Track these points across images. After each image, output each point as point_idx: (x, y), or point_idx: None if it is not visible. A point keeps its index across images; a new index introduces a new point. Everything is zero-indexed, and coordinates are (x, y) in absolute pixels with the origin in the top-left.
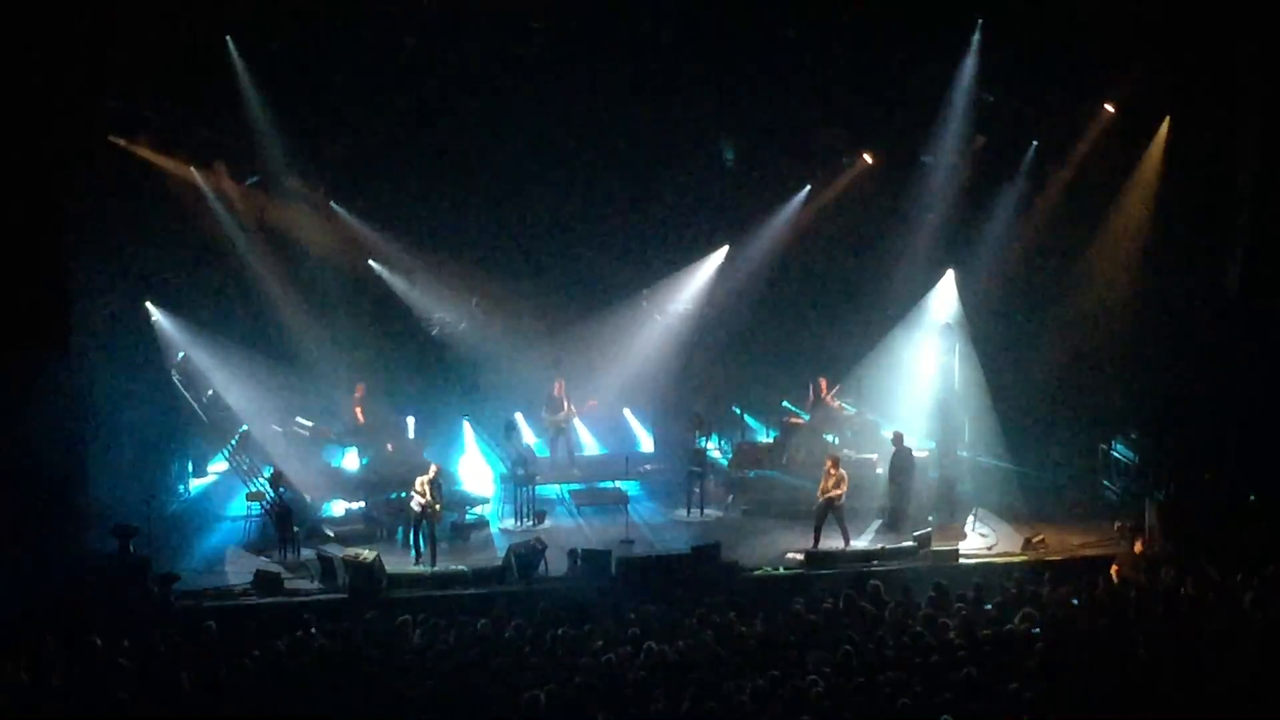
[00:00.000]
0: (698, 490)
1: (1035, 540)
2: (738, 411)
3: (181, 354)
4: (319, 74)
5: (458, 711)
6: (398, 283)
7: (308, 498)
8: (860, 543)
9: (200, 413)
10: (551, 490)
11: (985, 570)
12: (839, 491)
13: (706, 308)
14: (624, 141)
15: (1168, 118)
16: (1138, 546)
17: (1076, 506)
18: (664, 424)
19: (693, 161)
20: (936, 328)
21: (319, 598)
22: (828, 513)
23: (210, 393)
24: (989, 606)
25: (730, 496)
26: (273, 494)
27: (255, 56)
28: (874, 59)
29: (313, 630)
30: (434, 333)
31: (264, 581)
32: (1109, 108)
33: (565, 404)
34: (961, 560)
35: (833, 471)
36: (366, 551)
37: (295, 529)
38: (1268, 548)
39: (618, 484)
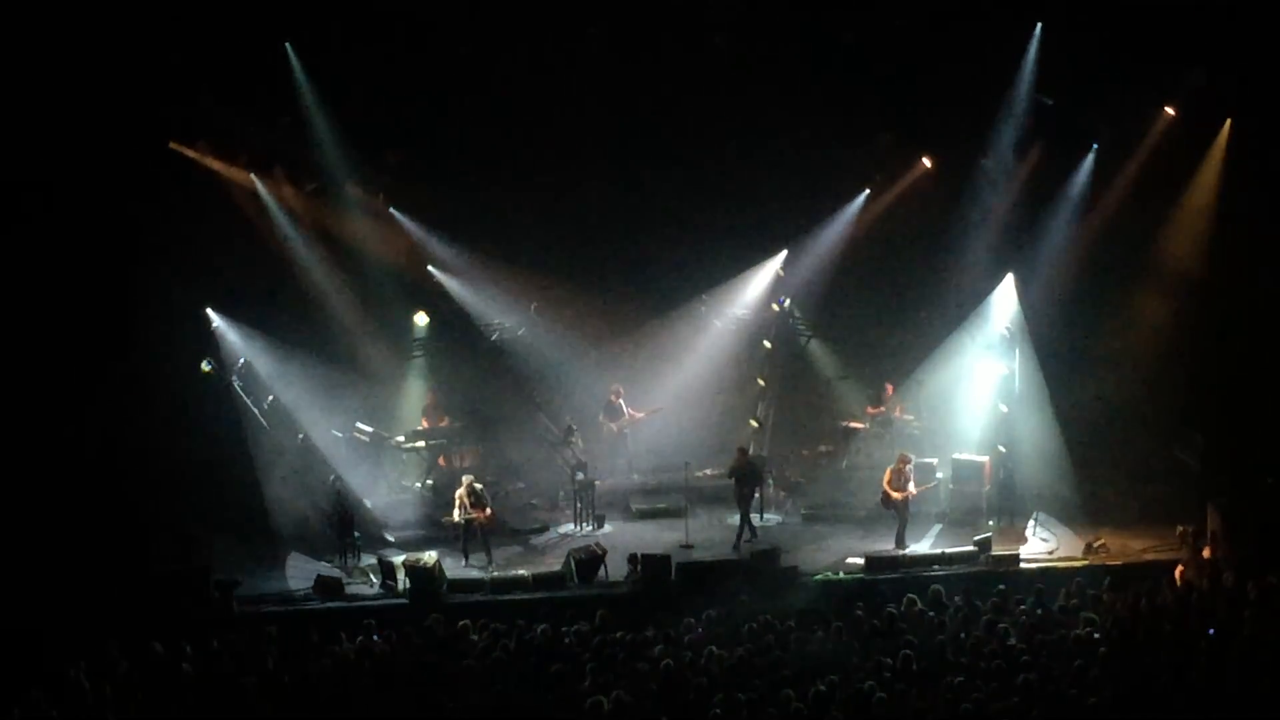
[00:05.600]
0: (757, 495)
1: (1096, 545)
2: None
3: (242, 360)
4: (377, 80)
5: (518, 716)
6: (457, 288)
7: (368, 503)
8: (920, 547)
9: (261, 418)
10: (611, 495)
11: (1046, 575)
12: (913, 491)
13: (763, 312)
14: (681, 147)
15: (1229, 120)
16: (1205, 552)
17: (1137, 511)
18: (722, 429)
19: (751, 165)
20: (996, 332)
21: (379, 603)
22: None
23: (271, 398)
24: (1048, 611)
25: (790, 501)
26: (334, 499)
27: (314, 63)
28: (933, 62)
29: (373, 635)
30: (493, 338)
31: (325, 586)
32: (1169, 110)
33: (625, 410)
34: (1022, 565)
35: (903, 469)
36: (427, 556)
37: (356, 534)
38: None
39: (677, 489)
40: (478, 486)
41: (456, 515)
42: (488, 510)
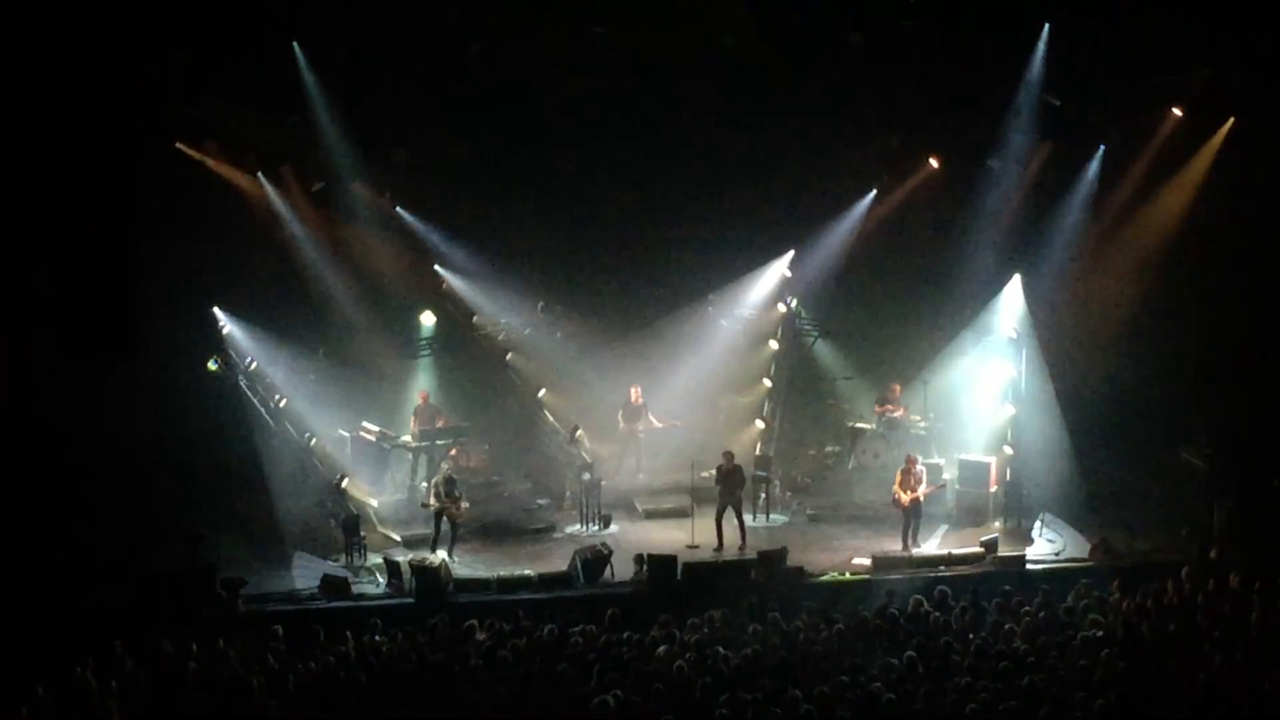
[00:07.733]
0: (764, 495)
1: (1103, 546)
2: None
3: (250, 359)
4: (384, 80)
5: (524, 716)
6: (463, 287)
7: (373, 502)
8: (927, 548)
9: (267, 418)
10: (617, 495)
11: (1053, 576)
12: (925, 491)
13: (770, 312)
14: (688, 146)
15: (1231, 120)
16: (1212, 553)
17: (1144, 512)
18: (728, 430)
19: (758, 165)
20: (1004, 333)
21: (385, 602)
22: (911, 514)
23: (279, 398)
24: (1054, 612)
25: (796, 501)
26: (339, 498)
27: (321, 63)
28: (940, 63)
29: (379, 635)
30: (499, 338)
31: (331, 586)
32: (1176, 111)
33: (645, 412)
34: (1029, 566)
35: (912, 470)
36: (433, 556)
37: (361, 533)
38: None
39: (683, 489)
40: (455, 478)
41: (432, 501)
42: (459, 504)
